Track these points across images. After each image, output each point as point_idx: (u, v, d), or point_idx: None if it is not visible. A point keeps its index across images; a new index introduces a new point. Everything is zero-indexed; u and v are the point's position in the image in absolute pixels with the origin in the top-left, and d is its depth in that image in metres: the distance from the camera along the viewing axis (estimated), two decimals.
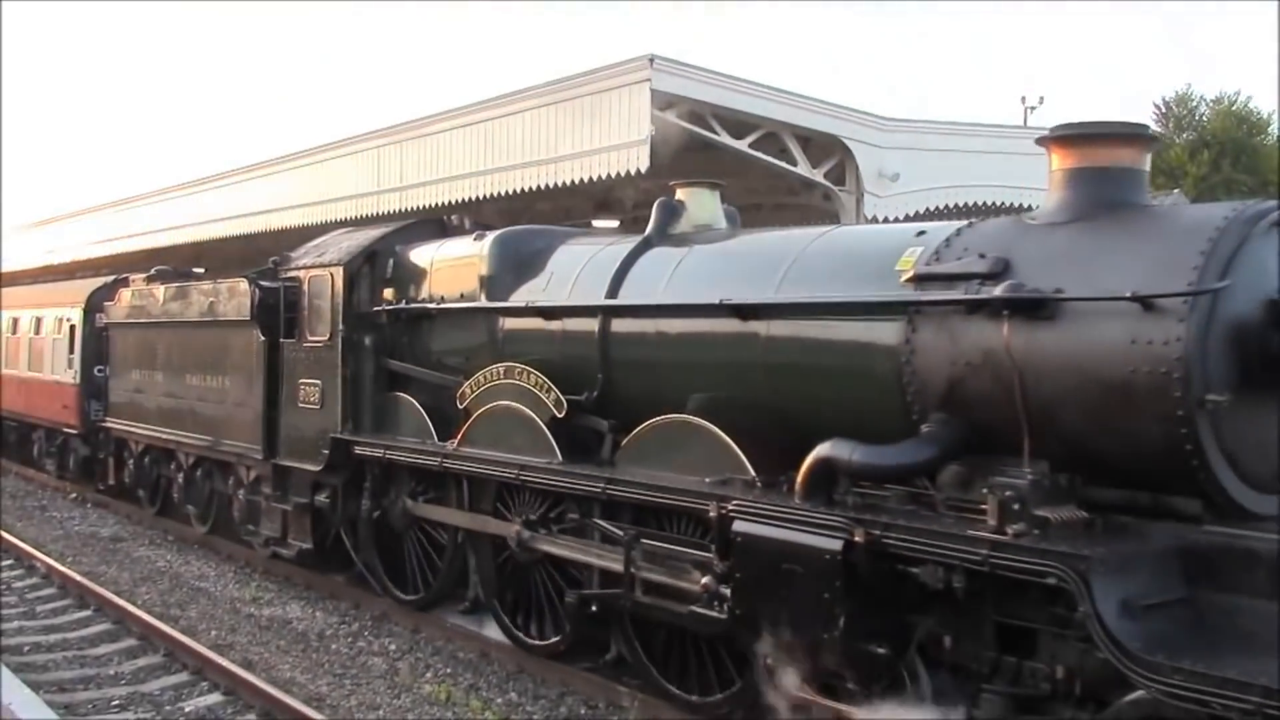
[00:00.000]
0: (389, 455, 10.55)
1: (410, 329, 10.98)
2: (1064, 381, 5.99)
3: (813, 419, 7.28)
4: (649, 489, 7.84)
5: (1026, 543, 5.69)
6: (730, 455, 7.60)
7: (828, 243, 7.70)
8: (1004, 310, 6.15)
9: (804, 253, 7.63)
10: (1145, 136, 6.59)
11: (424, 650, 10.16)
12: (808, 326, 7.34)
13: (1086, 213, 6.37)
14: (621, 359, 8.67)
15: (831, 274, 7.35)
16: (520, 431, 9.17)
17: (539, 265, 9.78)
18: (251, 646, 10.29)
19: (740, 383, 7.76)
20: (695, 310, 8.03)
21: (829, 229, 7.99)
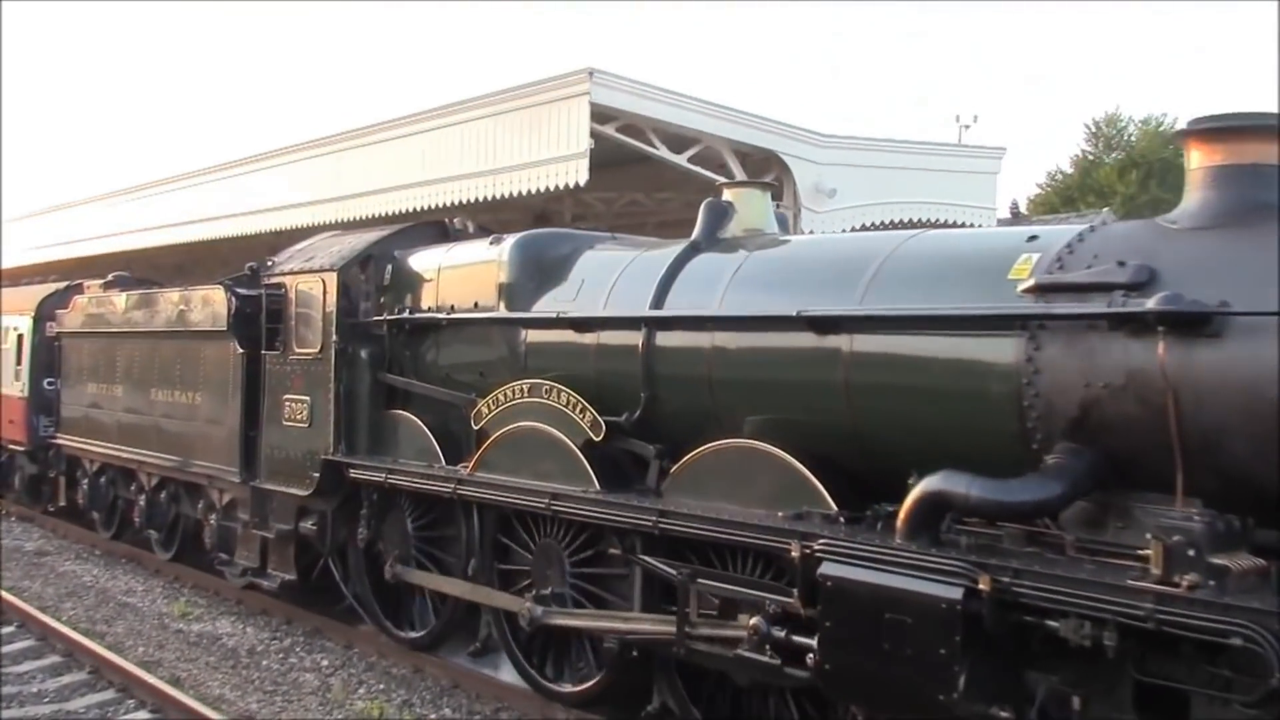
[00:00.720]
0: (391, 480, 9.58)
1: (414, 341, 10.02)
2: (1230, 407, 5.20)
3: (903, 446, 6.46)
4: (713, 523, 6.96)
5: (1204, 596, 4.89)
6: (805, 486, 6.75)
7: (917, 247, 6.86)
8: (1159, 326, 5.36)
9: (890, 259, 6.80)
10: None
11: (357, 666, 10.03)
12: (903, 342, 6.49)
13: (1237, 216, 5.59)
14: (669, 376, 7.78)
15: (927, 283, 6.52)
16: (549, 456, 8.25)
17: (565, 272, 8.89)
18: (180, 663, 10.08)
19: (815, 405, 6.90)
20: (763, 323, 7.16)
21: (915, 232, 7.15)
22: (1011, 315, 5.97)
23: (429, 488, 9.22)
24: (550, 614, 8.17)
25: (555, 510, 8.03)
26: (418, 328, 9.91)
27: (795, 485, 6.80)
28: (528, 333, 8.85)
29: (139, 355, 13.86)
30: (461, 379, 9.52)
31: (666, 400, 7.81)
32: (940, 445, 6.26)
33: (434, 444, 9.51)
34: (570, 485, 8.02)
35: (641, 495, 7.73)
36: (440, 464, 9.38)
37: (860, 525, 6.44)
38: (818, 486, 6.70)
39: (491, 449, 8.75)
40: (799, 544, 6.36)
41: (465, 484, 8.84)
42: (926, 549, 5.81)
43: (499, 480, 8.56)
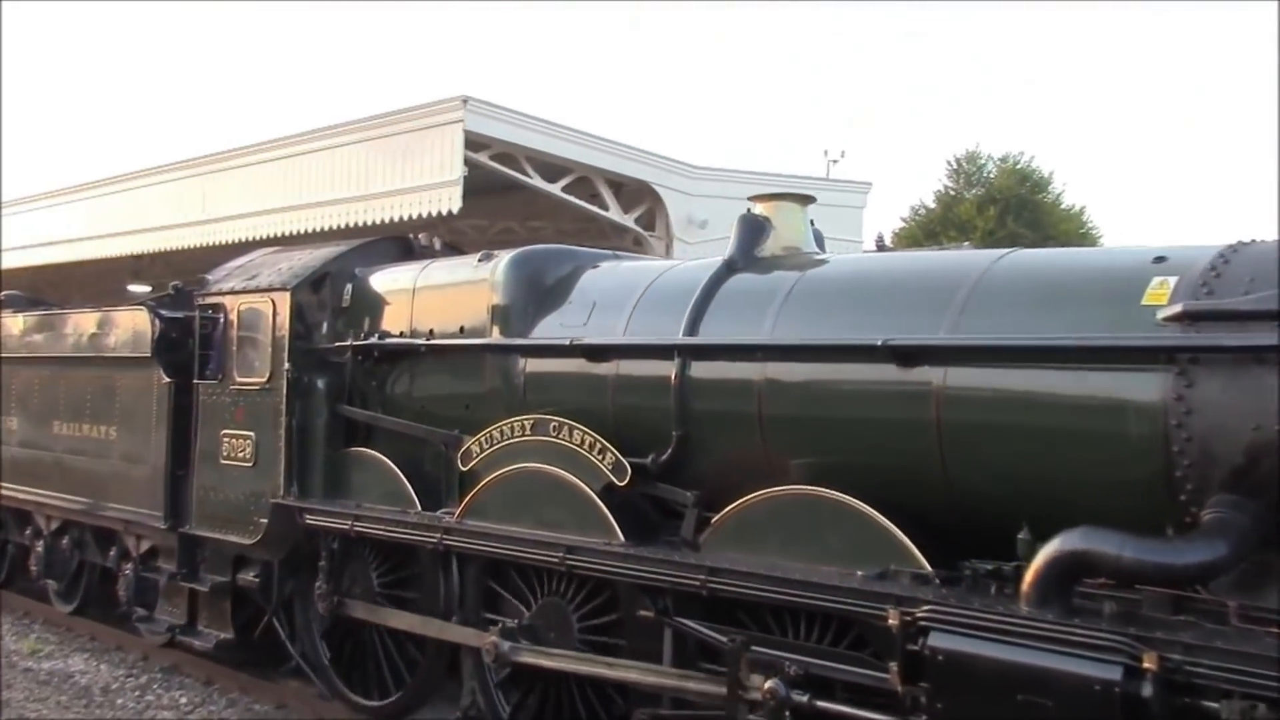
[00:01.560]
0: (359, 527, 8.43)
1: (382, 370, 8.90)
2: None
3: (1008, 496, 5.63)
4: (779, 584, 6.02)
5: None
6: (887, 541, 5.85)
7: (1016, 267, 6.05)
8: None
9: (985, 279, 5.97)
10: None
11: (218, 703, 9.72)
12: (1012, 376, 5.65)
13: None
14: (708, 413, 6.84)
15: (1033, 308, 5.71)
16: (558, 503, 7.22)
17: (568, 294, 7.90)
18: (29, 703, 9.65)
19: (897, 447, 6.03)
20: (833, 353, 6.27)
21: (1005, 251, 6.33)
22: (1157, 347, 5.18)
23: (408, 537, 8.10)
24: (518, 650, 7.15)
25: (572, 566, 7.00)
26: (388, 355, 8.79)
27: (874, 540, 5.90)
28: (527, 361, 7.82)
29: (38, 384, 12.40)
30: (442, 413, 8.43)
31: (704, 440, 6.86)
32: (1057, 496, 5.46)
33: (407, 487, 8.39)
34: (586, 536, 7.01)
35: (672, 549, 6.77)
36: (416, 509, 8.28)
37: (958, 587, 5.57)
38: (904, 541, 5.81)
39: (484, 493, 7.68)
40: (898, 610, 5.46)
41: (454, 533, 7.75)
42: (1067, 619, 4.96)
43: (496, 530, 7.49)
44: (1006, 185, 35.90)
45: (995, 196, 35.56)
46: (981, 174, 37.80)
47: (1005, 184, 35.97)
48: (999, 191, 35.82)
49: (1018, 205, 35.26)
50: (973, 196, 36.15)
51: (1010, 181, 36.10)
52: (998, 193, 35.70)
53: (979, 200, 35.68)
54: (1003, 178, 36.51)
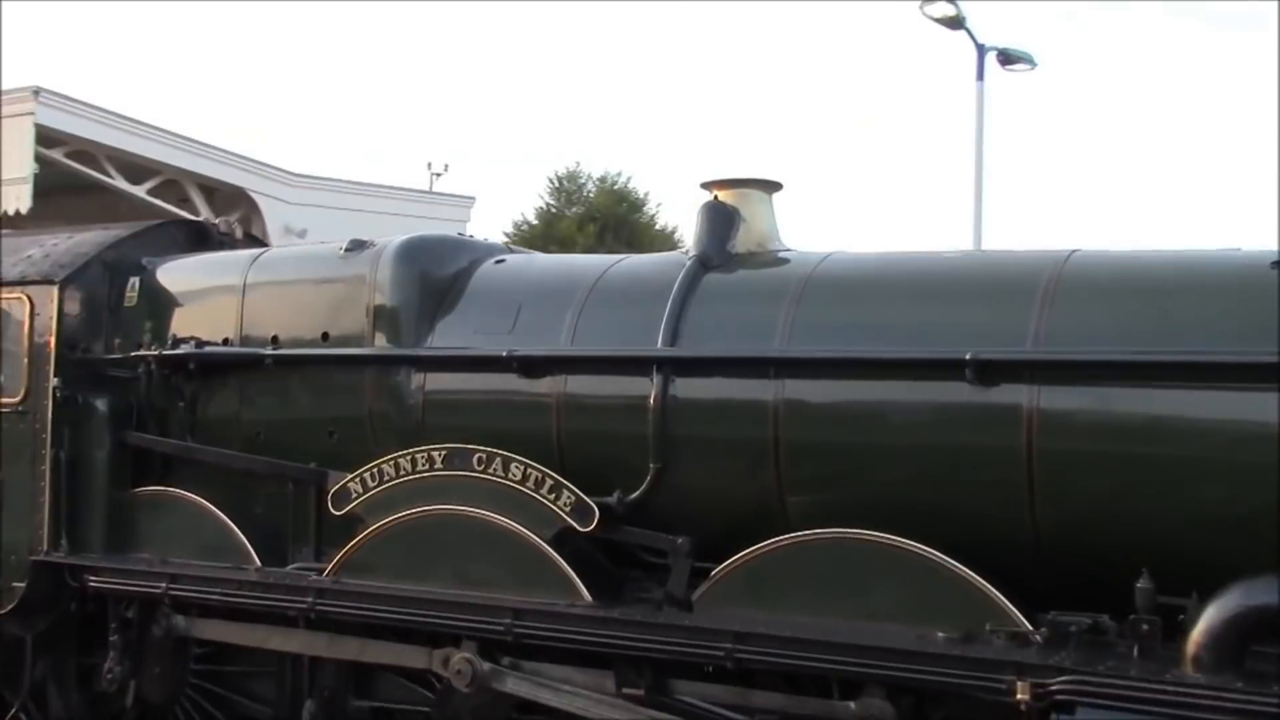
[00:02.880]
0: (176, 591, 6.52)
1: (195, 388, 6.98)
2: None
3: (1122, 538, 4.83)
4: (845, 651, 4.90)
5: None
6: (970, 595, 4.88)
7: (1094, 268, 5.24)
8: None
9: (1061, 281, 5.12)
10: None
11: None
12: (1132, 396, 4.84)
13: None
14: (698, 440, 5.61)
15: (1137, 316, 4.95)
16: (491, 556, 5.76)
17: (476, 292, 6.42)
18: None
19: (972, 480, 5.09)
20: (888, 368, 5.24)
21: (1069, 250, 5.48)
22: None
23: (257, 602, 6.31)
24: (500, 674, 5.67)
25: (521, 634, 5.56)
26: (205, 370, 6.90)
27: (950, 593, 4.91)
28: (426, 377, 6.26)
29: None
30: (290, 443, 6.66)
31: (690, 473, 5.63)
32: (1191, 537, 4.71)
33: (239, 537, 6.57)
34: (535, 596, 5.60)
35: (651, 609, 5.51)
36: (255, 565, 6.50)
37: (1066, 650, 4.69)
38: (994, 595, 4.86)
39: (371, 545, 6.07)
40: (1028, 682, 4.51)
41: (330, 597, 6.07)
42: (1263, 689, 4.19)
43: (396, 591, 5.90)
44: (605, 204, 36.77)
45: (595, 215, 36.52)
46: (582, 192, 38.64)
47: (604, 203, 36.85)
48: (598, 210, 36.64)
49: (616, 224, 36.32)
50: (573, 214, 36.98)
51: (609, 201, 37.02)
52: (597, 211, 36.61)
53: (579, 218, 36.63)
54: (602, 197, 37.43)
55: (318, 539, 6.53)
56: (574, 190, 38.40)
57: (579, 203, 37.71)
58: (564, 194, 38.35)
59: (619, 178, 38.05)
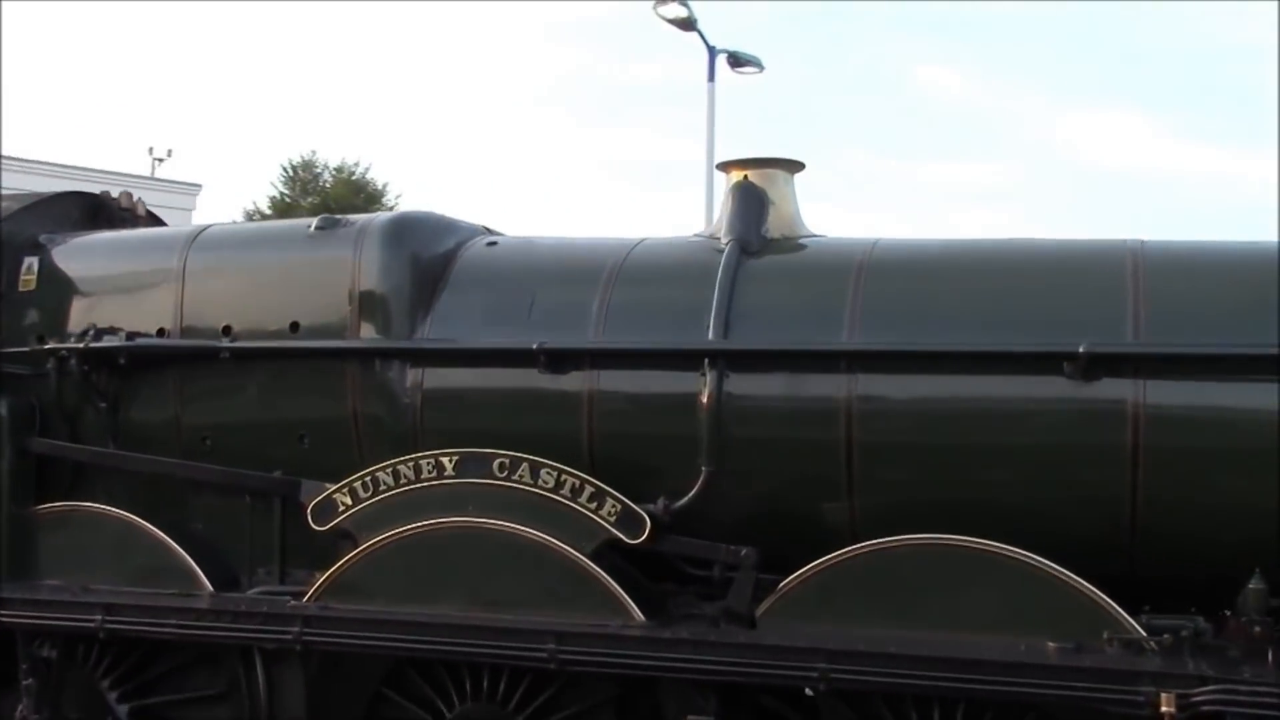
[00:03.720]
0: (113, 624, 5.55)
1: (119, 387, 5.98)
2: None
3: (1229, 536, 4.65)
4: (963, 667, 4.52)
5: None
6: (1072, 601, 4.60)
7: (1176, 258, 5.05)
8: None
9: (1154, 274, 4.91)
10: None
11: None
12: (1242, 391, 4.66)
13: None
14: (759, 440, 5.12)
15: (1234, 311, 4.78)
16: (518, 574, 5.11)
17: (468, 277, 5.71)
18: None
19: (1069, 481, 4.80)
20: (982, 362, 4.88)
21: (1140, 240, 5.24)
22: None
23: (223, 635, 5.42)
24: None
25: (566, 661, 4.93)
26: (143, 365, 5.91)
27: (1050, 600, 4.62)
28: (424, 374, 5.52)
29: None
30: (248, 449, 5.78)
31: (747, 477, 5.14)
32: None
33: (185, 559, 5.67)
34: (577, 618, 5.00)
35: (708, 627, 5.00)
36: (206, 591, 5.61)
37: (1183, 654, 4.47)
38: (1103, 601, 4.59)
39: (363, 565, 5.30)
40: (1173, 693, 4.25)
41: (322, 625, 5.26)
42: None
43: (406, 616, 5.17)
44: (342, 194, 35.90)
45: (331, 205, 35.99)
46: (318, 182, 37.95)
47: (341, 193, 36.02)
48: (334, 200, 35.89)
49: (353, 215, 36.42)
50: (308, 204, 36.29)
51: (346, 191, 36.34)
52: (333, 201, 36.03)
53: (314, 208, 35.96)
54: (338, 187, 36.79)
55: (282, 560, 5.70)
56: (309, 179, 37.61)
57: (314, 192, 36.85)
58: (299, 183, 37.50)
59: (356, 167, 37.53)
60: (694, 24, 17.98)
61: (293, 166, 37.54)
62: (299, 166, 37.52)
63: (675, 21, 17.85)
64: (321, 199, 35.65)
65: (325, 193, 36.33)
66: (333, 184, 36.91)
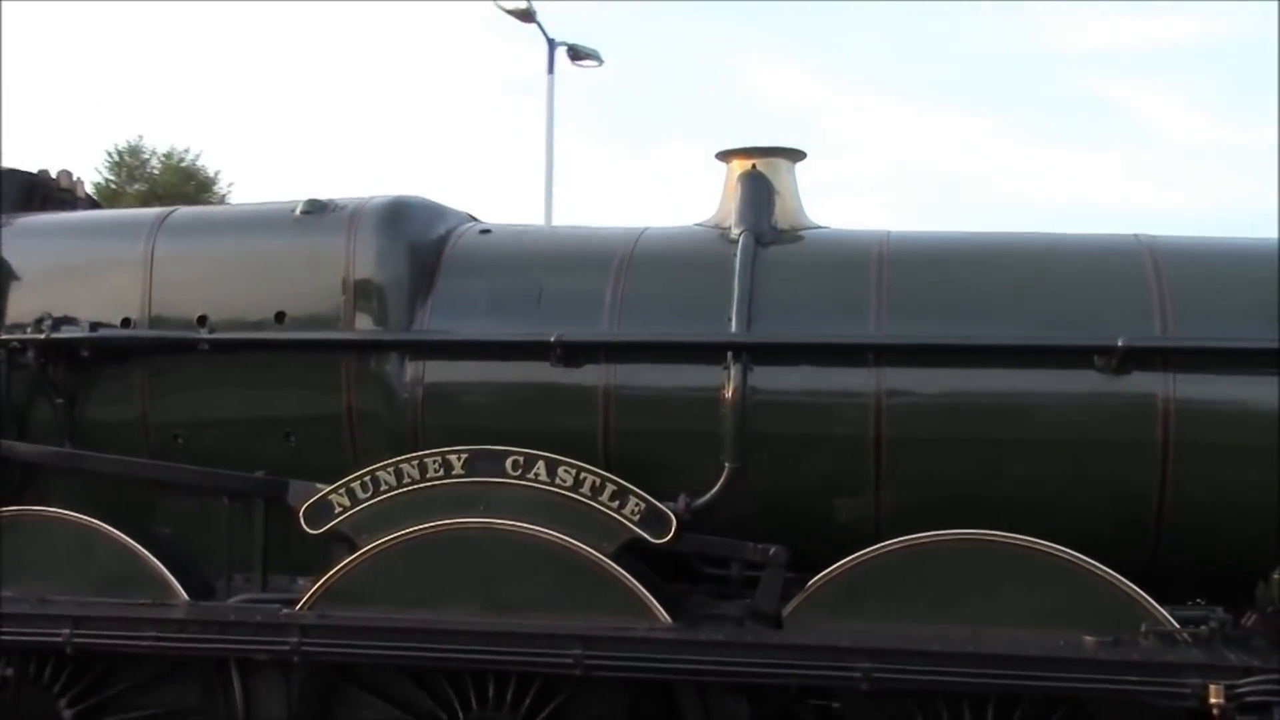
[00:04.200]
0: (83, 638, 5.12)
1: (77, 381, 5.53)
2: None
3: (1249, 530, 4.73)
4: (1007, 664, 4.48)
5: None
6: (1106, 594, 4.61)
7: (1181, 251, 5.12)
8: None
9: (1169, 267, 4.96)
10: None
11: None
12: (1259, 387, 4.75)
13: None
14: (782, 436, 5.00)
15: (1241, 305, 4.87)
16: (534, 576, 4.89)
17: (466, 265, 5.45)
18: None
19: (1102, 475, 4.82)
20: (1018, 356, 4.87)
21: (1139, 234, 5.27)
22: None
23: (209, 647, 5.05)
24: None
25: (593, 667, 4.73)
26: (107, 357, 5.47)
27: (1084, 594, 4.62)
28: (425, 368, 5.24)
29: None
30: (225, 448, 5.41)
31: (771, 474, 5.01)
32: None
33: (156, 565, 5.27)
34: (599, 621, 4.80)
35: (730, 629, 4.87)
36: (180, 600, 5.23)
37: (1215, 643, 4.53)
38: (1137, 594, 4.61)
39: (363, 570, 5.00)
40: (1221, 685, 4.29)
41: (323, 635, 4.94)
42: None
43: (419, 624, 4.89)
44: (172, 182, 34.97)
45: (159, 193, 35.05)
46: (145, 168, 36.75)
47: (170, 180, 35.11)
48: (163, 188, 34.79)
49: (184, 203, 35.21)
50: (135, 191, 35.28)
51: (176, 178, 35.39)
52: (162, 189, 35.09)
53: (142, 196, 34.99)
54: (167, 174, 35.83)
55: (264, 566, 5.35)
56: (136, 166, 36.39)
57: (142, 179, 35.75)
58: (125, 169, 36.24)
59: (186, 154, 36.59)
60: (533, 16, 17.84)
61: (119, 152, 36.25)
62: (125, 152, 36.27)
63: (515, 13, 17.72)
64: (149, 186, 34.64)
65: (153, 179, 35.28)
66: (161, 170, 35.85)
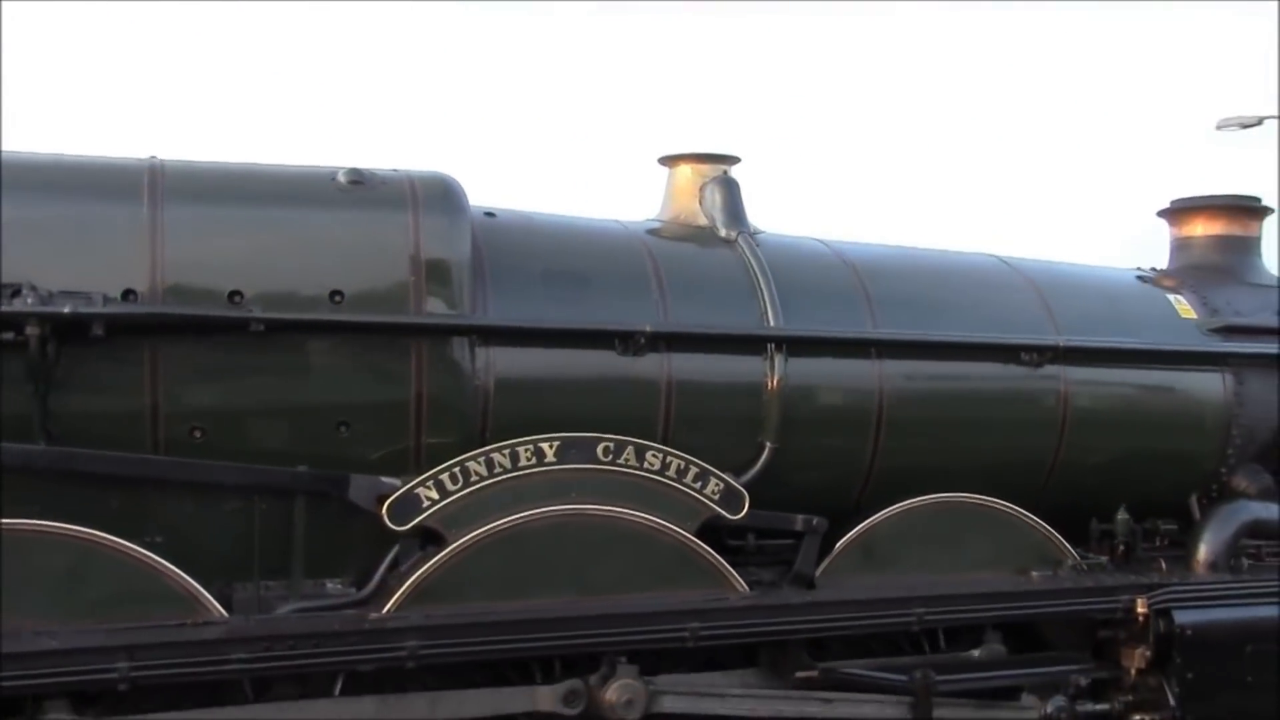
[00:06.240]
0: (139, 670, 4.28)
1: (69, 366, 4.49)
2: None
3: (1109, 479, 6.35)
4: (1011, 598, 5.64)
5: None
6: (1028, 536, 5.97)
7: (1067, 278, 6.65)
8: None
9: (1052, 287, 6.41)
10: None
11: None
12: (1124, 377, 6.34)
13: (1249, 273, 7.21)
14: (813, 419, 5.65)
15: (1110, 319, 6.47)
16: (623, 558, 5.07)
17: (505, 250, 5.29)
18: None
19: (1024, 444, 6.12)
20: (987, 352, 5.96)
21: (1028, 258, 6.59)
22: (1223, 353, 6.54)
23: (309, 661, 4.50)
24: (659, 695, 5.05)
25: (703, 637, 5.06)
26: (115, 335, 4.50)
27: (1017, 537, 5.95)
28: (491, 354, 5.06)
29: None
30: (260, 441, 4.76)
31: (800, 450, 5.63)
32: (1146, 474, 6.43)
33: (184, 579, 4.54)
34: (684, 594, 5.15)
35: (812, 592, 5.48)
36: (218, 614, 4.60)
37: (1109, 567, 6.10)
38: (1052, 534, 6.02)
39: (451, 565, 4.82)
40: (1146, 599, 5.81)
41: (437, 636, 4.66)
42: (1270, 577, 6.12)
43: (543, 613, 4.85)
44: None
45: None
46: None
47: None
48: None
49: None
50: None
51: None
52: None
53: None
54: None
55: (306, 570, 4.86)
56: None
57: None
58: None
59: None
60: None
61: None
62: None
63: None
64: None
65: None
66: None
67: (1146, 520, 6.36)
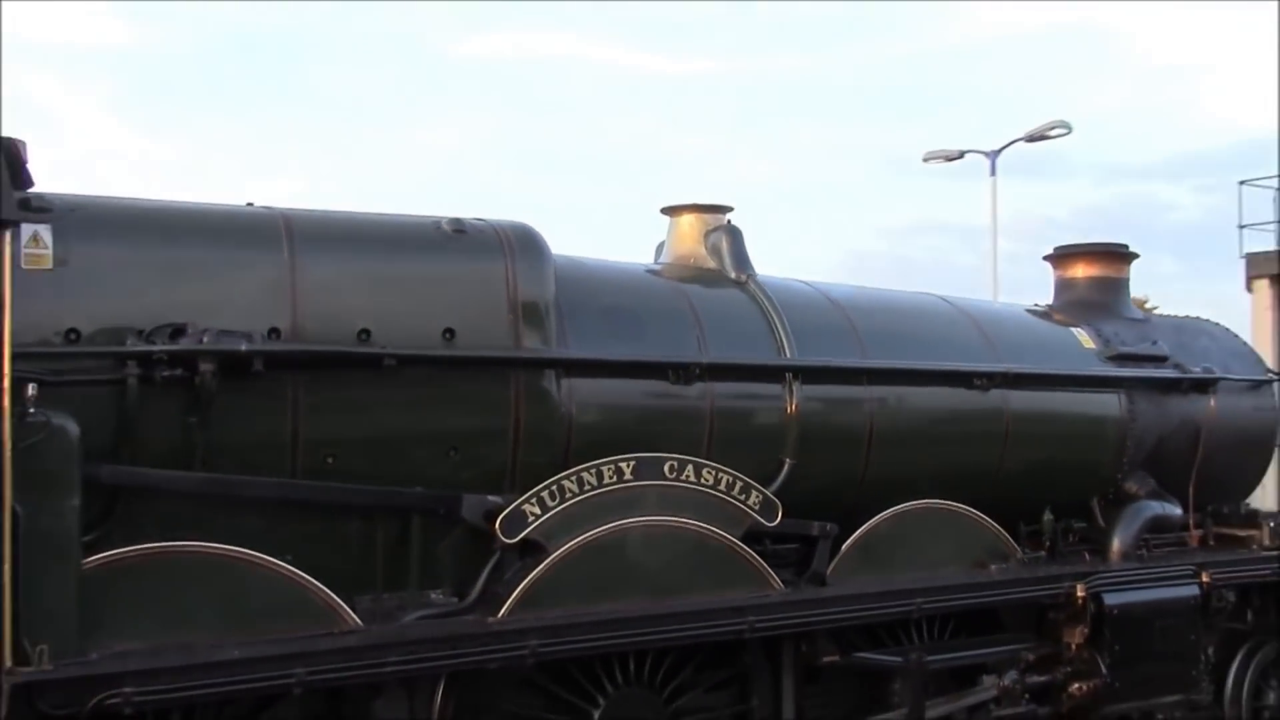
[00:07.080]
0: (316, 677, 4.69)
1: (227, 400, 4.84)
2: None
3: (1038, 484, 7.47)
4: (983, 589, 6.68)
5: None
6: (986, 535, 7.03)
7: (996, 312, 7.84)
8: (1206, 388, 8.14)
9: (987, 322, 7.51)
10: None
11: None
12: (1046, 398, 7.47)
13: (1124, 309, 8.57)
14: (822, 437, 6.49)
15: (1036, 348, 7.61)
16: (686, 562, 5.79)
17: (566, 292, 5.92)
18: None
19: (976, 457, 7.15)
20: (948, 378, 6.97)
21: (959, 297, 7.63)
22: (1121, 378, 7.79)
23: (450, 661, 5.01)
24: None
25: (759, 629, 5.84)
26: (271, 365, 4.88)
27: (977, 536, 6.99)
28: (570, 384, 5.68)
29: None
30: (381, 466, 5.22)
31: (814, 465, 6.46)
32: (1064, 480, 7.60)
33: (325, 592, 4.98)
34: (729, 594, 5.91)
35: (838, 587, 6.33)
36: (353, 623, 5.05)
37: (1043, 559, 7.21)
38: (1000, 533, 7.08)
39: (555, 572, 5.41)
40: (1083, 585, 6.91)
41: (554, 636, 5.25)
42: (1170, 563, 7.36)
43: (637, 612, 5.55)
44: None
45: None
46: None
47: None
48: None
49: None
50: None
51: None
52: None
53: None
54: None
55: (421, 582, 5.38)
56: None
57: None
58: None
59: None
60: None
61: None
62: None
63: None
64: None
65: None
66: None
67: (1061, 520, 7.50)
